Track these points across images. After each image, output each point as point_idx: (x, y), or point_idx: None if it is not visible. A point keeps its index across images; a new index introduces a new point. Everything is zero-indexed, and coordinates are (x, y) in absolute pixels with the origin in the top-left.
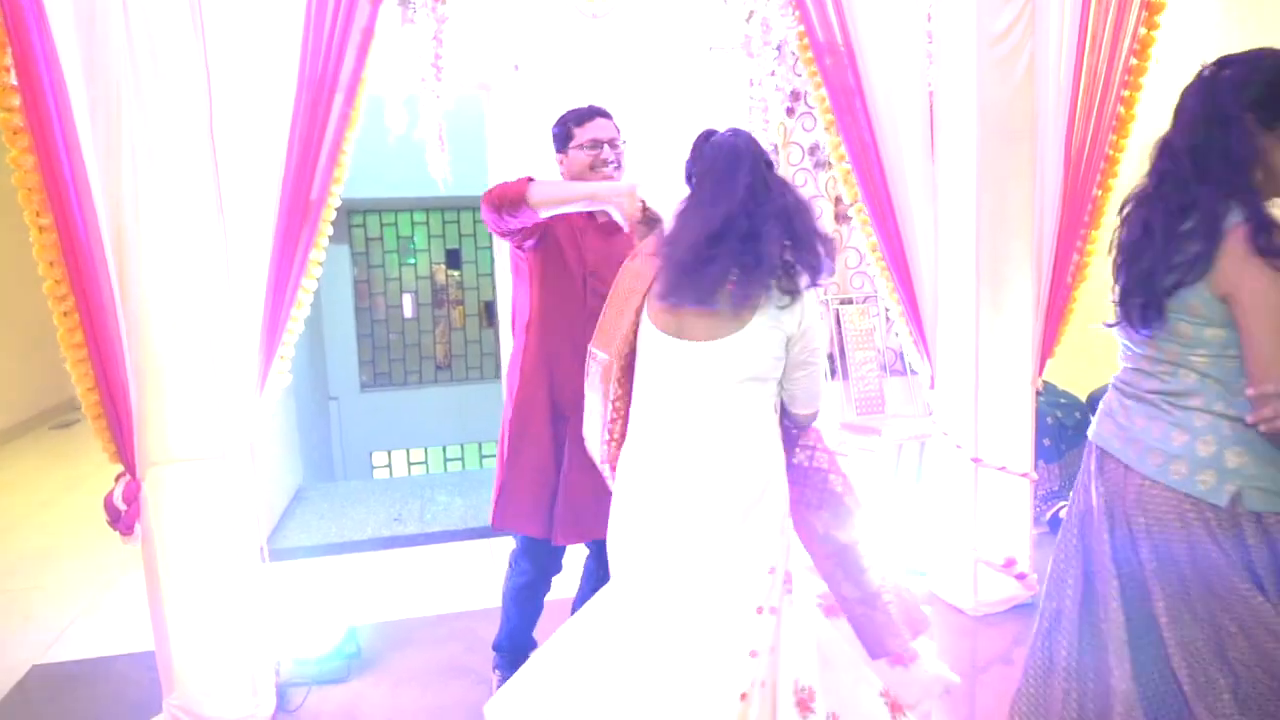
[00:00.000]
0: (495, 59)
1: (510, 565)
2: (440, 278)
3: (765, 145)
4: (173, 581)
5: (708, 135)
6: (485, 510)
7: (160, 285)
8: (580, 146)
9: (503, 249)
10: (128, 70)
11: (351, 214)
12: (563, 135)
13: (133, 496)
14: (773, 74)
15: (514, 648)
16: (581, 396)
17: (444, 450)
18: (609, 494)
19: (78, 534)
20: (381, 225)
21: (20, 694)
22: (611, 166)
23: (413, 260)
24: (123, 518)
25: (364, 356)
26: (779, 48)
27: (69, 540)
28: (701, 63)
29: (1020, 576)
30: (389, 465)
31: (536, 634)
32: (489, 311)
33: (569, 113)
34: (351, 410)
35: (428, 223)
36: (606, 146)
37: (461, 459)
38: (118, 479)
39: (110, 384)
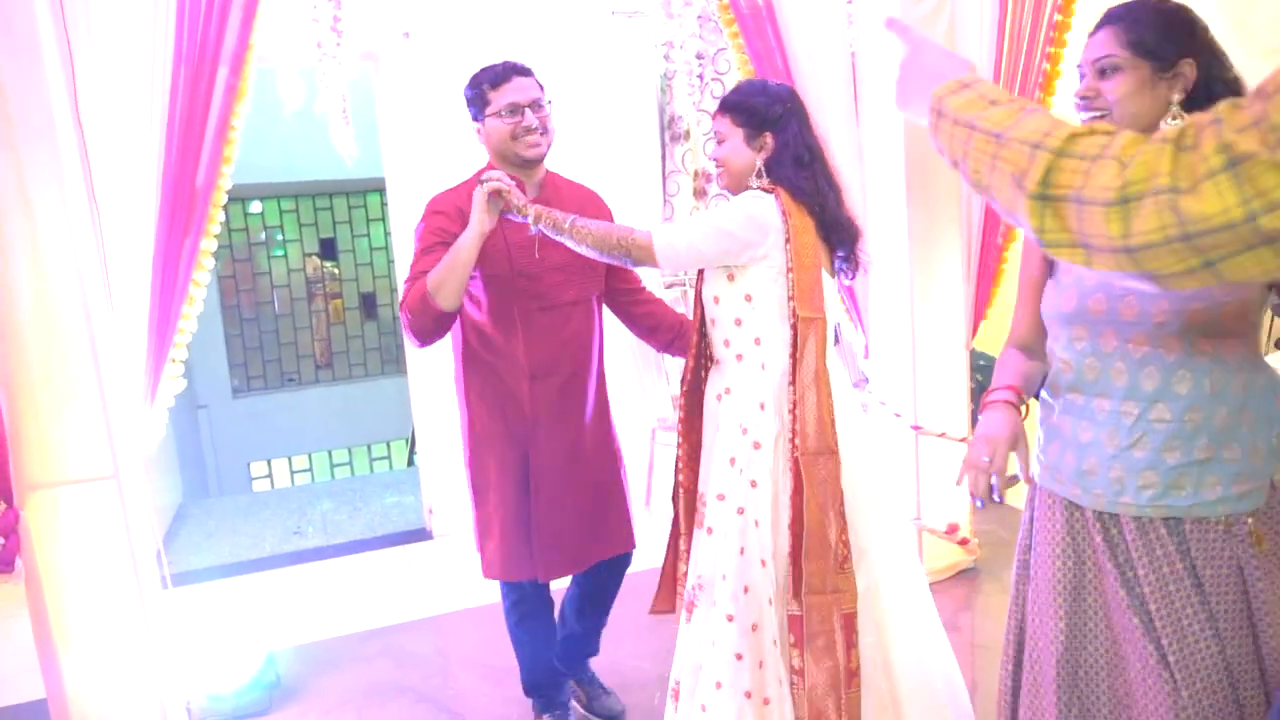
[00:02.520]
0: (382, 26)
1: (502, 599)
2: (314, 269)
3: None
4: (64, 619)
5: (764, 83)
6: (389, 516)
7: (29, 286)
8: (498, 114)
9: (398, 236)
10: None
11: None
12: (477, 100)
13: (10, 528)
14: (695, 35)
15: (544, 683)
16: (542, 418)
17: (330, 455)
18: (588, 521)
19: None
20: (245, 215)
21: None
22: (536, 133)
23: (282, 252)
24: (0, 552)
25: (234, 359)
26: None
27: None
28: (604, 28)
29: (963, 542)
30: (270, 475)
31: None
32: (369, 304)
33: (481, 72)
34: (224, 418)
35: (297, 210)
36: (528, 111)
37: (350, 464)
38: None
39: None
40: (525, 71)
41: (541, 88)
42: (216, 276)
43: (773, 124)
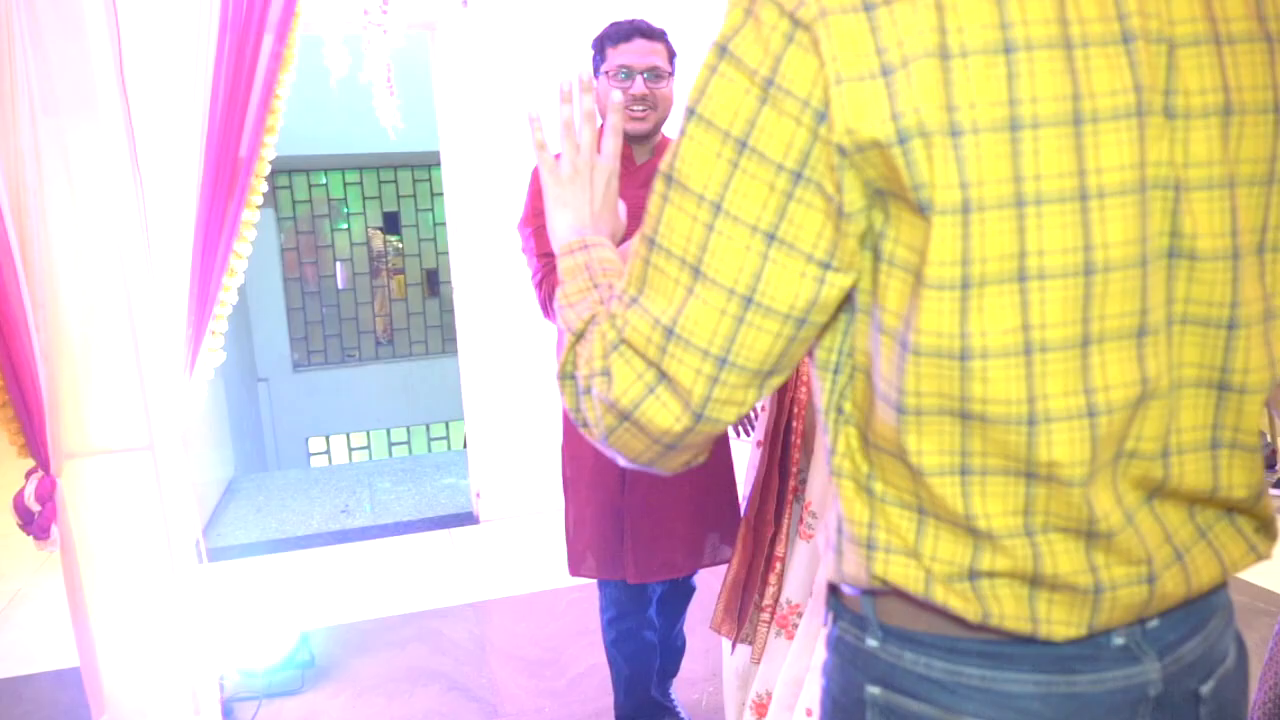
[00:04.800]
0: None
1: (600, 611)
2: (378, 244)
3: None
4: (98, 589)
5: None
6: (439, 498)
7: (69, 253)
8: (610, 73)
9: (453, 208)
10: (20, 6)
11: (276, 174)
12: (597, 55)
13: (47, 495)
14: None
15: (639, 709)
16: None
17: (388, 434)
18: (686, 523)
19: None
20: (310, 186)
21: None
22: (642, 107)
23: (345, 225)
24: (37, 520)
25: (295, 333)
26: None
27: None
28: None
29: None
30: (328, 452)
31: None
32: (432, 280)
33: (607, 28)
34: (283, 393)
35: (361, 183)
36: (640, 77)
37: (408, 443)
38: (28, 475)
39: (16, 367)
40: (652, 35)
41: (672, 55)
42: (279, 249)
43: None
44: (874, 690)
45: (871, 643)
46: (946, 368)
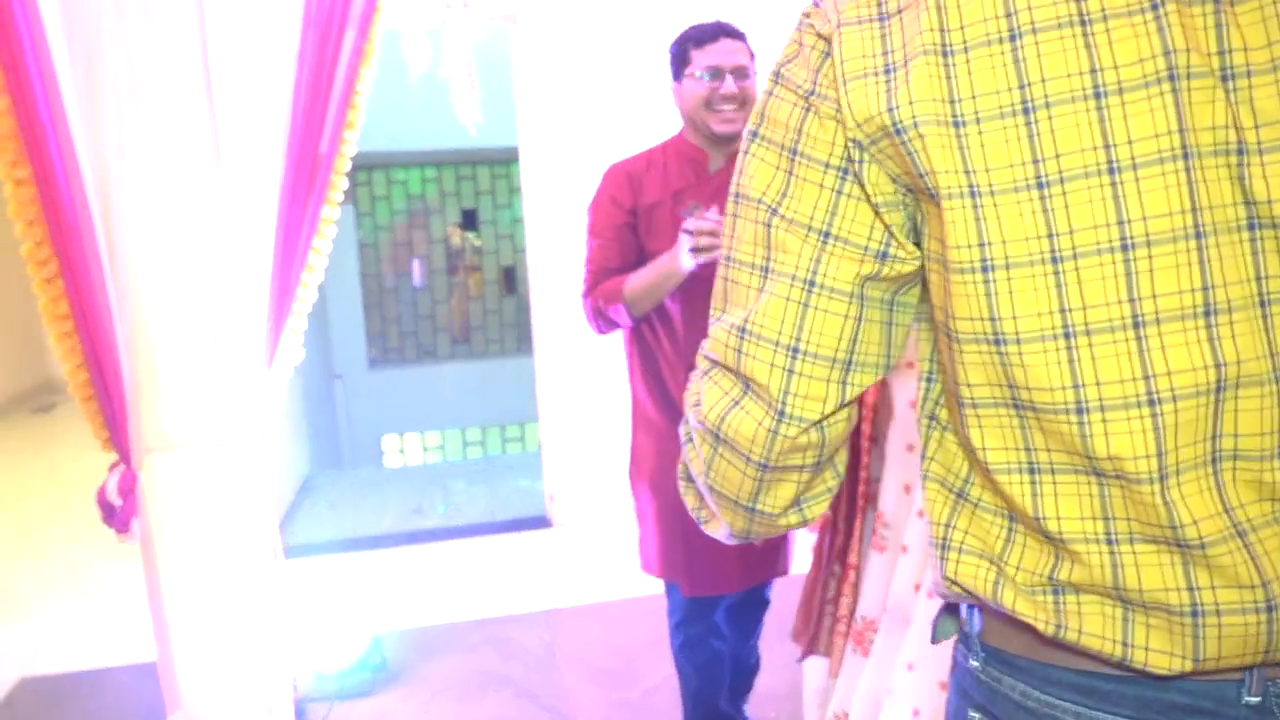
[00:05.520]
0: None
1: (668, 615)
2: (455, 241)
3: None
4: (176, 585)
5: None
6: (512, 500)
7: (153, 247)
8: (695, 75)
9: (531, 205)
10: (109, 4)
11: (355, 170)
12: (679, 58)
13: (129, 489)
14: None
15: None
16: None
17: (463, 434)
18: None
19: (63, 529)
20: (389, 182)
21: (9, 710)
22: (733, 106)
23: (424, 222)
24: (118, 513)
25: (372, 330)
26: None
27: (53, 536)
28: None
29: None
30: (402, 450)
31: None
32: (509, 278)
33: (690, 30)
34: (359, 390)
35: (440, 179)
36: (730, 77)
37: (483, 443)
38: (111, 469)
39: (100, 360)
40: (737, 35)
41: (752, 56)
42: (357, 245)
43: None
44: (975, 715)
45: (974, 663)
46: (986, 353)
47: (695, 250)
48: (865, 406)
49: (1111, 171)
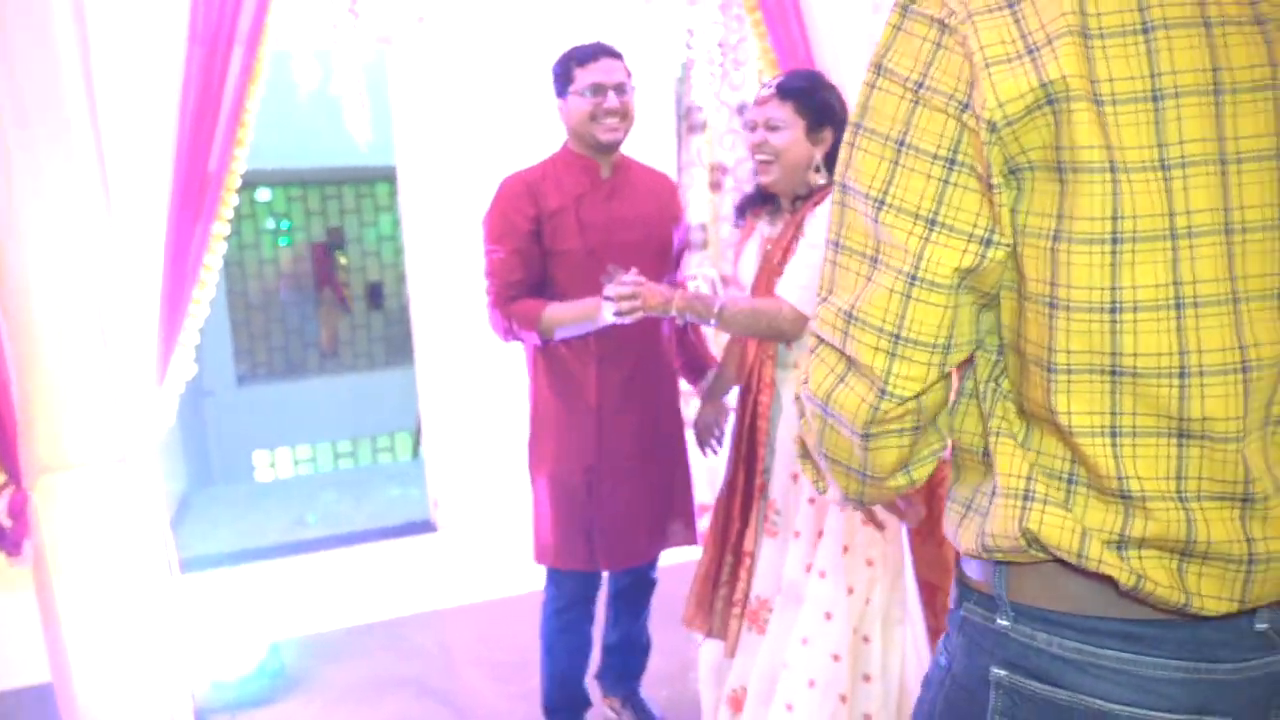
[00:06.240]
0: (397, 9)
1: (544, 604)
2: (321, 258)
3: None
4: (71, 604)
5: (821, 74)
6: (393, 508)
7: (42, 267)
8: (580, 92)
9: (410, 221)
10: None
11: None
12: (562, 76)
13: (20, 510)
14: (717, 23)
15: (569, 705)
16: (608, 404)
17: (334, 446)
18: (653, 512)
19: None
20: (253, 202)
21: None
22: (615, 118)
23: (289, 240)
24: (9, 535)
25: (240, 346)
26: None
27: None
28: (622, 14)
29: None
30: (273, 465)
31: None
32: (375, 294)
33: (571, 50)
34: (228, 406)
35: (305, 198)
36: (611, 93)
37: (354, 454)
38: (0, 490)
39: None
40: (615, 54)
41: (629, 74)
42: (223, 263)
43: (834, 119)
44: (1000, 672)
45: (1002, 622)
46: (1097, 321)
47: (618, 314)
48: (761, 406)
49: (1222, 162)
